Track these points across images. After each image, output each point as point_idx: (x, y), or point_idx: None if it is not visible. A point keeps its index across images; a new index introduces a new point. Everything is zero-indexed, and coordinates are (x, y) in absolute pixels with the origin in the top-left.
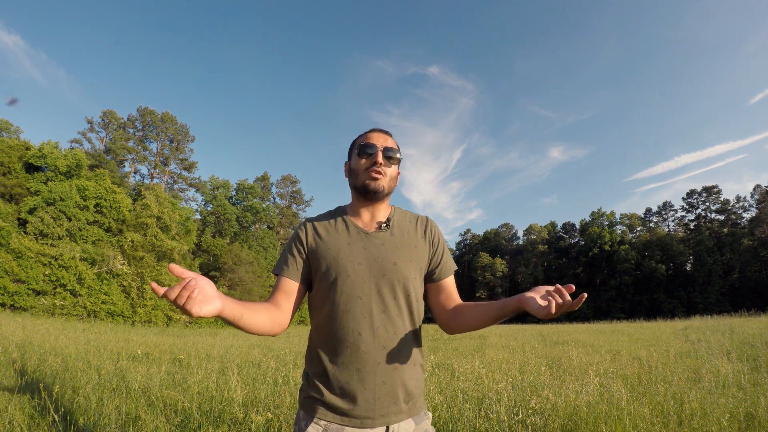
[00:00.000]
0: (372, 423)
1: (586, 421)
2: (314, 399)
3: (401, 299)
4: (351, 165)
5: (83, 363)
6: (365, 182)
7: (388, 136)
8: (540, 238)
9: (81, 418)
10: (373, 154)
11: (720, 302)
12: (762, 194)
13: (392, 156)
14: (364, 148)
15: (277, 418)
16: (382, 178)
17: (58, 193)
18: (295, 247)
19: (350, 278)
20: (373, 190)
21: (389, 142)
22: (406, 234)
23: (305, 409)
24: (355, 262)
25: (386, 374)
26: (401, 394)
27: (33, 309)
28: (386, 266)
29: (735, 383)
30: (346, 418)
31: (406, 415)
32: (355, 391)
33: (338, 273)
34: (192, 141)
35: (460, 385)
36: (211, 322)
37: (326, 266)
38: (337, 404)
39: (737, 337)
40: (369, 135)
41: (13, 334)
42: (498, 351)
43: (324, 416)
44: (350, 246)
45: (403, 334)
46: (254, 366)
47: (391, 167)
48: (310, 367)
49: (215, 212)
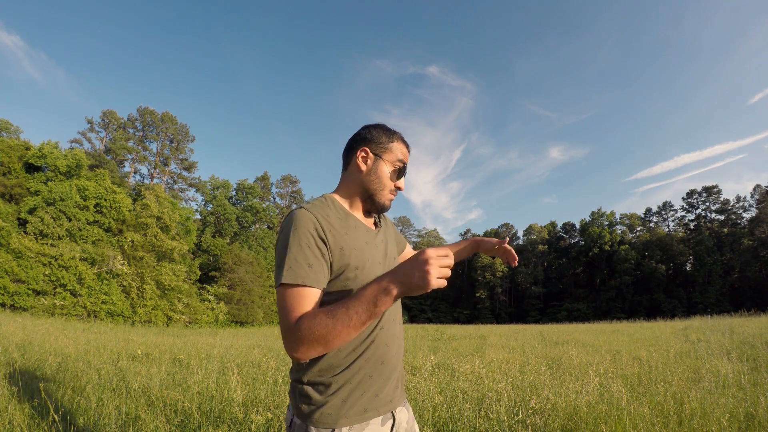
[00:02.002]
0: (385, 409)
1: (586, 421)
2: (332, 408)
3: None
4: (377, 171)
5: (83, 363)
6: (384, 203)
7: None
8: (540, 238)
9: (81, 418)
10: (402, 178)
11: (720, 302)
12: (762, 194)
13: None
14: (401, 168)
15: (277, 418)
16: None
17: (58, 193)
18: (317, 249)
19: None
20: (383, 211)
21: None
22: (389, 227)
23: (319, 424)
24: (375, 261)
25: (396, 363)
26: (399, 380)
27: (33, 309)
28: (392, 262)
29: (735, 383)
30: (367, 414)
31: (403, 396)
32: (374, 385)
33: (367, 277)
34: (192, 141)
35: (460, 385)
36: (211, 322)
37: (354, 271)
38: (358, 405)
39: (737, 337)
40: (406, 151)
41: (13, 334)
42: (498, 351)
43: (345, 423)
44: (368, 245)
45: (400, 320)
46: (254, 366)
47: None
48: (321, 376)
49: (215, 212)
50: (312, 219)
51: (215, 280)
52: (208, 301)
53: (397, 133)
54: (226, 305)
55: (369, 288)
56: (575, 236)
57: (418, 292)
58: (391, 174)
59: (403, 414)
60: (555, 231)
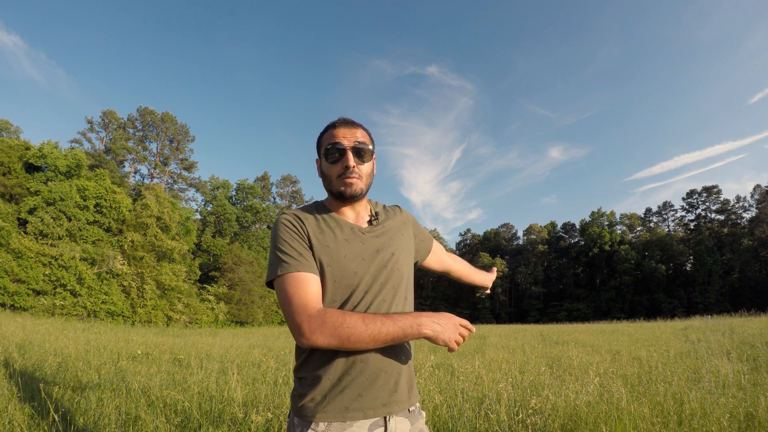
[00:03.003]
0: (374, 413)
1: (586, 421)
2: (311, 402)
3: (401, 289)
4: (322, 168)
5: (83, 363)
6: (340, 189)
7: (355, 128)
8: (540, 238)
9: (81, 418)
10: (343, 157)
11: (720, 302)
12: (762, 194)
13: (364, 152)
14: (331, 151)
15: (277, 418)
16: (357, 180)
17: (58, 193)
18: (297, 242)
19: (357, 275)
20: (350, 196)
21: (358, 136)
22: (393, 223)
23: (301, 416)
24: (358, 258)
25: (385, 365)
26: (398, 384)
27: (33, 309)
28: (386, 257)
29: (735, 383)
30: (349, 414)
31: (405, 404)
32: (355, 384)
33: (344, 271)
34: (192, 141)
35: (460, 385)
36: (211, 322)
37: (331, 265)
38: (338, 403)
39: (737, 337)
40: (334, 132)
41: (13, 334)
42: (498, 351)
43: (323, 419)
44: (348, 242)
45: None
46: (254, 366)
47: (364, 164)
48: (305, 369)
49: (215, 212)
50: (290, 217)
51: (215, 280)
52: (208, 301)
53: (328, 125)
54: (226, 305)
55: (407, 317)
56: (575, 236)
57: (440, 344)
58: (327, 160)
59: (403, 425)
60: (555, 231)
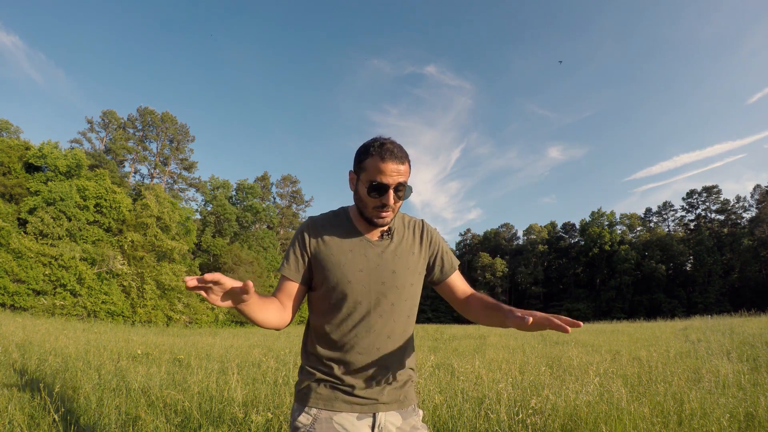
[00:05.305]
0: (361, 409)
1: (586, 421)
2: (307, 389)
3: (398, 305)
4: (358, 191)
5: (83, 363)
6: (372, 219)
7: (402, 164)
8: (540, 238)
9: (81, 418)
10: (384, 195)
11: (720, 302)
12: (762, 194)
13: (402, 192)
14: (376, 188)
15: (277, 418)
16: (390, 214)
17: (58, 193)
18: (298, 249)
19: (351, 284)
20: (380, 226)
21: (402, 175)
22: (405, 241)
23: (299, 401)
24: (356, 269)
25: (377, 370)
26: (389, 386)
27: (33, 309)
28: (385, 274)
29: (735, 383)
30: (336, 404)
31: (396, 405)
32: (345, 381)
33: (339, 278)
34: (192, 141)
35: (460, 385)
36: (211, 322)
37: (328, 271)
38: (328, 393)
39: (737, 337)
40: (382, 167)
41: (13, 334)
42: (498, 351)
43: (315, 404)
44: (352, 253)
45: (397, 336)
46: (254, 366)
47: (399, 201)
48: (306, 361)
49: (215, 212)
50: (304, 227)
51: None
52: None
53: (375, 148)
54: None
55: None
56: (575, 236)
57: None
58: (367, 193)
59: (393, 418)
60: (555, 231)
